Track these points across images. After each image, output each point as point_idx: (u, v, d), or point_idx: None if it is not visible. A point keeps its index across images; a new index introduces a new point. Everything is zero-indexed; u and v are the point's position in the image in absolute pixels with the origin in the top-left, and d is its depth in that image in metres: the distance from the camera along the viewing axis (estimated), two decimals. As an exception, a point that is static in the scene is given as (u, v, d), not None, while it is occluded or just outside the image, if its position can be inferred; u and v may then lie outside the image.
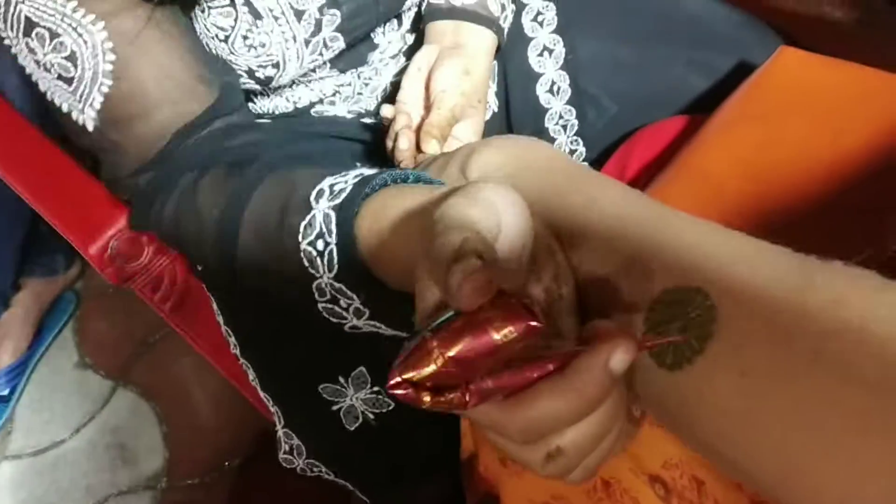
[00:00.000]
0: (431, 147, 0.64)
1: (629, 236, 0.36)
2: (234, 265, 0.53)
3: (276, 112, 0.73)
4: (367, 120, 0.78)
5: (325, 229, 0.45)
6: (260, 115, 0.73)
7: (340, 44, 0.66)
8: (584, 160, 0.81)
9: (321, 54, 0.66)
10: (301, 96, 0.73)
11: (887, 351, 0.27)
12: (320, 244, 0.45)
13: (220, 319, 0.75)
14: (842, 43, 1.09)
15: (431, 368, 0.31)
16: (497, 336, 0.31)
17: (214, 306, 0.76)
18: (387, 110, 0.68)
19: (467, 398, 0.32)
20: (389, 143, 0.68)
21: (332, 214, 0.44)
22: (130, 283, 0.75)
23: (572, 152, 0.80)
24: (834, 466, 0.27)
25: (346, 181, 0.46)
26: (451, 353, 0.31)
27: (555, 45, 0.78)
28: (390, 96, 0.74)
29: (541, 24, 0.78)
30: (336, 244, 0.44)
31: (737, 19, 0.80)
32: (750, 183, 0.60)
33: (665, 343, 0.33)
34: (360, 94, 0.76)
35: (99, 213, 0.74)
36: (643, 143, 0.74)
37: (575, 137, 0.79)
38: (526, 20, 0.78)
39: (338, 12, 0.64)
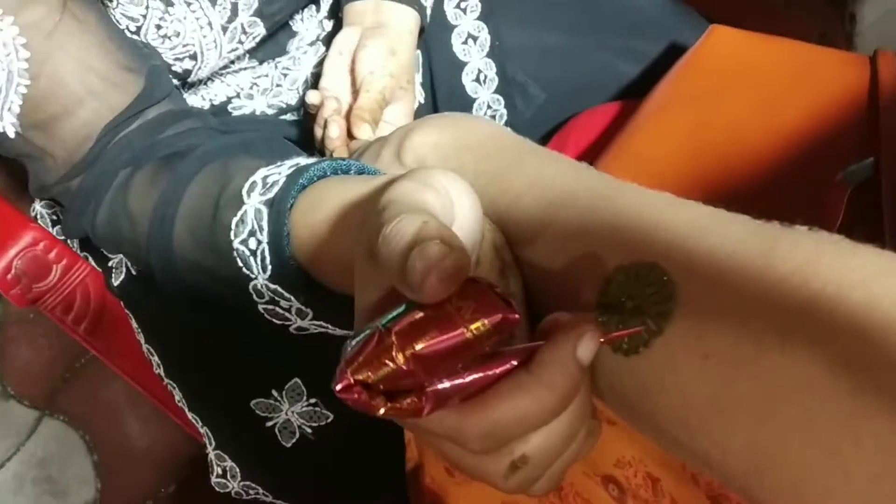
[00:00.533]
0: (364, 132, 0.61)
1: (577, 212, 0.33)
2: (172, 266, 0.49)
3: (191, 112, 0.69)
4: (290, 116, 0.74)
5: (256, 226, 0.41)
6: None
7: (260, 29, 0.62)
8: (516, 151, 0.78)
9: (241, 42, 0.62)
10: (217, 92, 0.69)
11: (864, 323, 0.24)
12: (252, 243, 0.41)
13: (141, 338, 0.71)
14: (764, 21, 1.10)
15: (390, 368, 0.27)
16: (468, 330, 0.27)
17: (134, 324, 0.71)
18: (313, 96, 0.64)
19: (423, 403, 0.27)
20: (318, 132, 0.64)
21: (264, 210, 0.41)
22: (39, 304, 0.70)
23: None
24: (813, 456, 0.24)
25: (280, 172, 0.42)
26: (415, 349, 0.27)
27: (479, 32, 0.75)
28: (312, 87, 0.71)
29: (464, 10, 0.75)
30: (268, 243, 0.41)
31: (663, 3, 0.78)
32: (689, 165, 0.58)
33: (627, 335, 0.29)
34: (278, 86, 0.72)
35: (0, 230, 0.68)
36: (577, 131, 0.72)
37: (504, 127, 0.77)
38: (449, 7, 0.75)
39: None
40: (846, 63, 0.61)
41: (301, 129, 0.72)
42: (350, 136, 0.61)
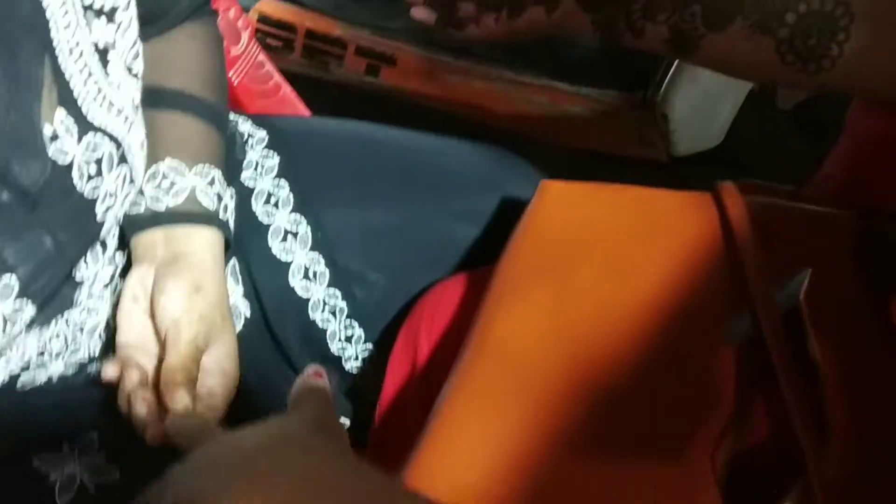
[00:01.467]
0: (180, 399, 0.51)
1: None
2: None
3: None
4: (95, 367, 0.62)
5: None
6: None
7: (30, 309, 0.51)
8: (364, 343, 0.70)
9: (12, 326, 0.50)
10: None
11: None
12: None
13: None
14: (585, 130, 1.09)
15: None
16: None
17: None
18: (109, 370, 0.54)
19: None
20: (123, 407, 0.53)
21: None
22: None
23: (349, 338, 0.69)
24: None
25: None
26: None
27: (298, 225, 0.67)
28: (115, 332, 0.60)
29: (276, 205, 0.67)
30: None
31: (484, 156, 0.74)
32: (556, 353, 0.52)
33: None
34: (75, 340, 0.60)
35: None
36: (428, 314, 0.65)
37: (348, 321, 0.68)
38: (258, 206, 0.67)
39: (13, 276, 0.48)
40: (690, 205, 0.57)
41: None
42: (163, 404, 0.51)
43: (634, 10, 0.62)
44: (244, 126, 0.71)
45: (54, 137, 0.47)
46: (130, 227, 0.58)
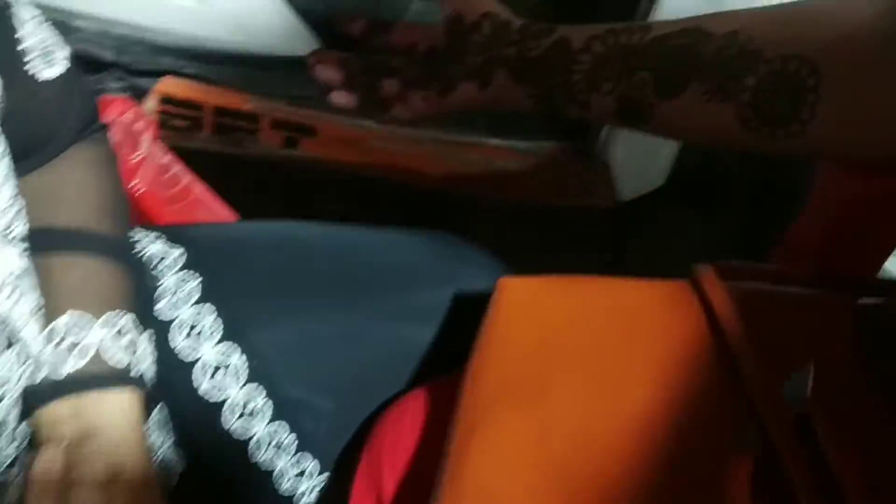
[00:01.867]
0: None
1: None
2: None
3: None
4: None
5: None
6: None
7: None
8: (319, 475, 0.62)
9: None
10: None
11: None
12: None
13: None
14: (526, 186, 1.04)
15: None
16: None
17: None
18: None
19: None
20: None
21: None
22: None
23: (301, 473, 0.61)
24: None
25: None
26: None
27: (228, 357, 0.59)
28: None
29: (199, 335, 0.59)
30: None
31: (427, 245, 0.67)
32: (546, 493, 0.45)
33: None
34: None
35: None
36: (389, 441, 0.57)
37: (298, 456, 0.60)
38: (179, 340, 0.58)
39: None
40: (667, 297, 0.51)
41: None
42: None
43: (576, 80, 0.56)
44: (155, 247, 0.62)
45: None
46: (32, 404, 0.49)
